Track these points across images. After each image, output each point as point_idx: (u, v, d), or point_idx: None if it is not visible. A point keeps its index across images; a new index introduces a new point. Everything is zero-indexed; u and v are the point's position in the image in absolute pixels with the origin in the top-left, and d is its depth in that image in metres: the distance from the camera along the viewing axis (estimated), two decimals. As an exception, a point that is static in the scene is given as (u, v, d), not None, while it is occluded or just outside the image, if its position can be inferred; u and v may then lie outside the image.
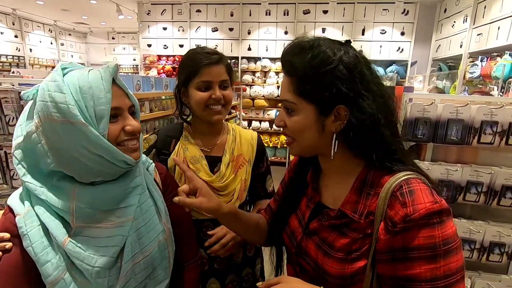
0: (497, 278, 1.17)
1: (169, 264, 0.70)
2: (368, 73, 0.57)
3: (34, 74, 4.81)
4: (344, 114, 0.56)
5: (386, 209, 0.53)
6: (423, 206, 0.50)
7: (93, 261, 0.57)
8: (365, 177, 0.59)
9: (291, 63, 0.59)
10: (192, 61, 0.92)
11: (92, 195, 0.58)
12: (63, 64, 0.59)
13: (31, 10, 6.52)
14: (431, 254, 0.49)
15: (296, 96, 0.59)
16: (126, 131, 0.60)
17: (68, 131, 0.53)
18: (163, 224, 0.69)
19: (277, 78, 5.33)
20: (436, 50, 4.80)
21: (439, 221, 0.50)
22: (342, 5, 4.91)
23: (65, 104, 0.53)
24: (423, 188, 0.52)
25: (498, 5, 3.38)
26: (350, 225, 0.59)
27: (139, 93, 2.06)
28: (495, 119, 1.05)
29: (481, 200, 1.11)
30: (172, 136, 0.99)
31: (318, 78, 0.56)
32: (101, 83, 0.56)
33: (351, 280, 0.57)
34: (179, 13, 5.50)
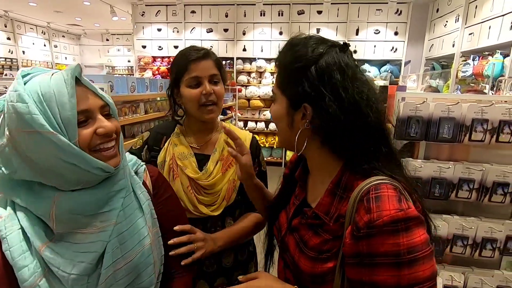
0: (490, 273, 1.18)
1: (154, 270, 0.66)
2: (339, 78, 0.57)
3: (27, 77, 4.78)
4: (309, 112, 0.59)
5: (354, 214, 0.53)
6: (387, 213, 0.49)
7: (69, 268, 0.55)
8: (339, 179, 0.60)
9: (278, 56, 0.65)
10: (180, 60, 0.93)
11: (73, 201, 0.56)
12: (24, 71, 0.56)
13: (24, 12, 6.46)
14: (395, 261, 0.49)
15: (276, 87, 0.65)
16: (98, 133, 0.56)
17: (38, 142, 0.51)
18: (147, 228, 0.66)
19: (272, 78, 5.35)
20: (429, 49, 4.85)
21: (404, 229, 0.49)
22: (336, 6, 4.95)
23: (29, 115, 0.50)
24: (391, 194, 0.52)
25: (489, 4, 3.44)
26: (323, 226, 0.60)
27: (134, 95, 2.06)
28: (485, 117, 1.07)
29: (473, 196, 1.13)
30: (163, 133, 0.99)
31: (291, 73, 0.60)
32: (64, 87, 0.53)
33: (322, 279, 0.58)
34: (174, 14, 5.49)
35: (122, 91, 1.92)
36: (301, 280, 0.63)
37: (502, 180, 1.10)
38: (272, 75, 5.33)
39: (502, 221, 1.14)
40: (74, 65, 0.55)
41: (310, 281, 0.61)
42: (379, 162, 0.57)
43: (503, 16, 3.16)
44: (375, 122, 0.58)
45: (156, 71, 5.69)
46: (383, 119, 0.61)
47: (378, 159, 0.57)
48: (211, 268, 0.99)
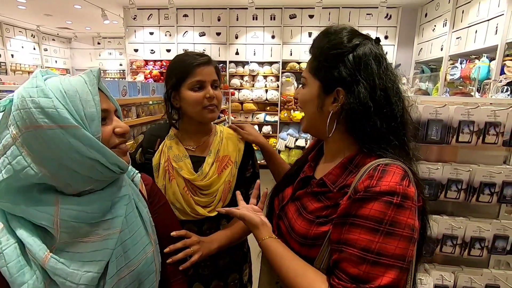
0: (479, 272, 1.21)
1: (156, 278, 0.67)
2: (375, 67, 0.61)
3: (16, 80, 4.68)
4: (341, 96, 0.62)
5: (357, 183, 0.56)
6: (386, 183, 0.52)
7: (77, 278, 0.53)
8: (353, 156, 0.63)
9: (313, 43, 0.69)
10: (183, 63, 0.93)
11: (77, 206, 0.54)
12: (42, 71, 0.57)
13: (13, 15, 6.36)
14: (374, 227, 0.51)
15: (308, 72, 0.68)
16: (116, 132, 0.59)
17: (58, 137, 0.50)
18: (149, 236, 0.66)
19: (265, 81, 5.37)
20: (419, 53, 4.95)
21: (397, 204, 0.51)
22: (327, 10, 5.01)
23: (53, 109, 0.50)
24: (397, 172, 0.54)
25: (474, 9, 3.53)
26: (326, 194, 0.64)
27: (126, 99, 2.05)
28: (471, 118, 1.10)
29: (461, 197, 1.16)
30: (158, 135, 0.99)
31: (327, 58, 0.63)
32: (86, 87, 0.55)
33: (312, 243, 0.62)
34: (166, 17, 5.48)
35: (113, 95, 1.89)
36: (290, 243, 0.67)
37: (488, 181, 1.13)
38: (265, 79, 5.36)
39: (490, 221, 1.17)
40: (96, 68, 0.58)
41: (301, 243, 0.64)
42: (394, 150, 0.60)
43: (488, 21, 3.25)
44: (400, 113, 0.61)
45: (148, 75, 5.66)
46: (407, 112, 0.64)
47: (394, 148, 0.60)
48: (206, 270, 0.99)
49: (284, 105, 5.30)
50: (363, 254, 0.51)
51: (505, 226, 1.16)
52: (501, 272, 1.21)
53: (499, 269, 1.24)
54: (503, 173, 1.12)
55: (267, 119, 5.45)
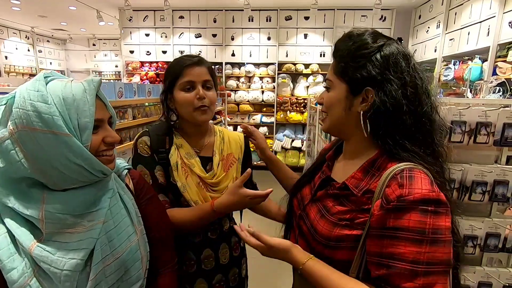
0: (472, 269, 1.23)
1: (142, 265, 0.70)
2: (404, 64, 0.61)
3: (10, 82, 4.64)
4: (371, 96, 0.62)
5: (384, 188, 0.57)
6: (419, 191, 0.52)
7: (61, 264, 0.56)
8: (375, 159, 0.64)
9: (337, 46, 0.68)
10: (175, 65, 0.96)
11: (62, 200, 0.59)
12: (45, 73, 0.60)
13: (6, 16, 6.31)
14: (418, 238, 0.51)
15: (334, 75, 0.67)
16: (106, 142, 0.63)
17: (50, 141, 0.54)
18: (134, 226, 0.70)
19: (261, 83, 5.39)
20: (413, 54, 4.99)
21: (433, 211, 0.52)
22: (322, 12, 5.05)
23: (49, 115, 0.54)
24: (424, 177, 0.55)
25: (467, 11, 3.58)
26: (349, 198, 0.64)
27: (122, 100, 2.05)
28: (463, 119, 1.12)
29: (454, 196, 1.17)
30: (164, 134, 1.00)
31: (353, 59, 0.63)
32: (84, 96, 0.58)
33: (335, 244, 0.63)
34: (162, 19, 5.48)
35: (110, 97, 1.90)
36: (313, 245, 0.67)
37: (480, 180, 1.15)
38: (261, 80, 5.38)
39: (482, 219, 1.19)
40: (97, 78, 0.62)
41: (324, 244, 0.65)
42: (419, 151, 0.59)
43: (480, 23, 3.30)
44: (428, 112, 0.61)
45: (144, 76, 5.65)
46: (434, 111, 0.64)
47: (419, 148, 0.59)
48: (209, 266, 1.01)
49: (280, 106, 5.32)
50: (414, 267, 0.51)
51: (497, 224, 1.18)
52: (494, 269, 1.23)
53: (492, 266, 1.26)
54: (494, 172, 1.14)
55: (263, 120, 5.47)
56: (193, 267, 1.00)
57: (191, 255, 0.99)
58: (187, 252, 0.99)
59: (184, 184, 0.95)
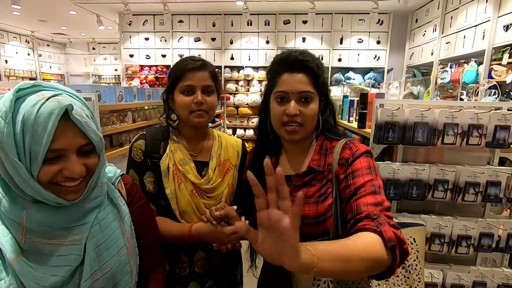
0: (466, 269, 1.25)
1: (131, 279, 0.69)
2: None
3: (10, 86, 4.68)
4: (322, 103, 0.84)
5: (339, 156, 0.79)
6: (362, 147, 0.79)
7: (44, 281, 0.55)
8: (322, 143, 0.85)
9: (308, 62, 0.80)
10: (178, 67, 0.96)
11: (45, 213, 0.56)
12: (23, 84, 0.54)
13: (7, 21, 6.36)
14: (369, 171, 0.73)
15: (313, 87, 0.80)
16: (63, 175, 0.56)
17: (3, 159, 0.53)
18: (125, 239, 0.68)
19: (260, 86, 5.43)
20: (410, 57, 5.05)
21: (370, 156, 0.78)
22: (320, 16, 5.10)
23: (3, 134, 0.51)
24: (358, 142, 0.81)
25: (463, 15, 3.63)
26: (316, 177, 0.81)
27: (122, 104, 2.07)
28: (455, 121, 1.14)
29: (448, 196, 1.20)
30: (160, 139, 0.99)
31: (321, 74, 0.82)
32: (48, 122, 0.52)
33: (324, 217, 0.77)
34: (161, 23, 5.53)
35: (110, 100, 1.92)
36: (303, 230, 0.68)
37: (473, 180, 1.17)
38: (260, 83, 5.42)
39: (475, 219, 1.21)
40: (66, 103, 0.53)
41: (315, 223, 0.78)
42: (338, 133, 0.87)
43: (476, 27, 3.35)
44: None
45: (143, 80, 5.68)
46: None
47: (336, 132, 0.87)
48: (202, 269, 1.01)
49: (279, 109, 5.34)
50: (373, 188, 0.70)
51: (490, 224, 1.20)
52: (488, 269, 1.25)
53: (486, 266, 1.28)
54: (486, 173, 1.16)
55: (262, 123, 5.49)
56: (186, 269, 0.99)
57: (183, 257, 0.99)
58: (179, 254, 0.99)
59: (172, 192, 0.94)
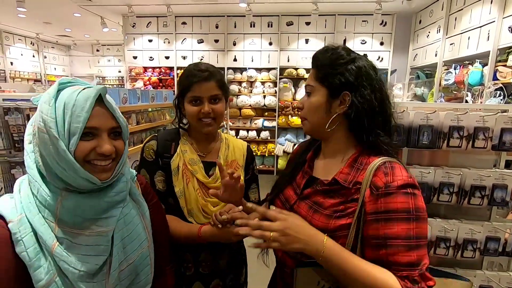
0: (472, 273, 1.23)
1: (150, 270, 0.75)
2: (373, 74, 0.73)
3: (15, 88, 4.71)
4: (348, 99, 0.72)
5: (371, 179, 0.67)
6: (401, 178, 0.64)
7: (79, 266, 0.60)
8: (357, 156, 0.74)
9: (317, 57, 0.77)
10: (186, 78, 0.99)
11: (76, 200, 0.61)
12: (63, 79, 0.65)
13: (12, 23, 6.42)
14: (406, 216, 0.61)
15: (315, 81, 0.76)
16: (98, 152, 0.62)
17: (45, 140, 0.59)
18: (146, 233, 0.74)
19: (263, 87, 5.43)
20: (414, 58, 5.03)
21: (412, 193, 0.63)
22: (323, 17, 5.10)
23: (47, 116, 0.59)
24: (401, 167, 0.68)
25: (467, 16, 3.61)
26: (339, 191, 0.72)
27: (126, 106, 2.08)
28: (461, 124, 1.13)
29: (453, 200, 1.19)
30: (171, 139, 1.05)
31: (333, 67, 0.73)
32: (84, 102, 0.60)
33: (332, 234, 0.68)
34: (165, 25, 5.55)
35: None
36: None
37: (479, 184, 1.16)
38: (263, 85, 5.42)
39: (481, 223, 1.20)
40: (100, 86, 0.63)
41: None
42: (391, 145, 0.72)
43: (480, 28, 3.33)
44: (390, 115, 0.74)
45: (147, 81, 5.70)
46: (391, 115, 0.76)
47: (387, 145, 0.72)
48: (207, 270, 1.03)
49: (282, 110, 5.35)
50: (408, 242, 0.60)
51: (496, 228, 1.19)
52: (494, 273, 1.24)
53: (492, 270, 1.26)
54: (492, 177, 1.15)
55: (265, 125, 5.50)
56: (191, 269, 1.02)
57: (188, 257, 1.01)
58: (184, 254, 1.01)
59: (181, 190, 0.98)
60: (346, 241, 0.68)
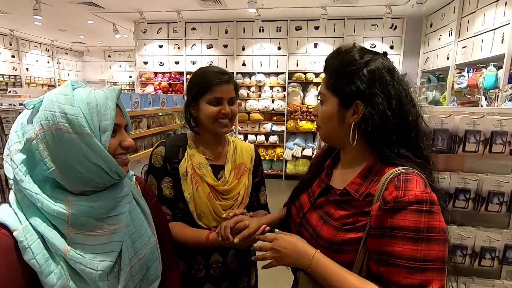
0: (490, 283, 1.19)
1: (159, 265, 0.77)
2: (388, 78, 0.65)
3: (31, 93, 4.86)
4: (361, 108, 0.66)
5: (383, 191, 0.61)
6: (413, 193, 0.57)
7: (95, 265, 0.60)
8: (372, 166, 0.68)
9: (327, 62, 0.73)
10: (205, 79, 1.00)
11: (86, 202, 0.62)
12: (72, 81, 0.66)
13: (29, 30, 6.64)
14: (414, 236, 0.55)
15: (326, 89, 0.72)
16: (122, 146, 0.66)
17: (72, 141, 0.58)
18: (151, 229, 0.76)
19: (271, 92, 5.44)
20: (425, 62, 4.96)
21: (427, 210, 0.55)
22: (332, 21, 5.09)
23: (74, 116, 0.58)
24: (418, 179, 0.59)
25: (480, 19, 3.55)
26: (351, 203, 0.68)
27: (137, 110, 2.11)
28: (477, 128, 1.11)
29: (469, 206, 1.15)
30: (179, 145, 1.06)
31: (343, 75, 0.68)
32: (106, 102, 0.63)
33: (338, 248, 0.66)
34: (175, 31, 5.64)
35: (126, 107, 1.96)
36: (316, 246, 0.70)
37: (497, 190, 1.12)
38: (272, 89, 5.43)
39: (500, 230, 1.16)
40: (118, 87, 0.68)
41: (327, 248, 0.68)
42: (409, 158, 0.64)
43: (494, 30, 3.26)
44: (414, 121, 0.66)
45: (157, 86, 5.79)
46: (420, 119, 0.68)
47: (409, 155, 0.64)
48: (218, 272, 1.03)
49: (291, 115, 5.33)
50: (411, 264, 0.54)
51: (516, 236, 1.15)
52: (514, 283, 1.19)
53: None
54: (511, 182, 1.11)
55: (273, 129, 5.49)
56: (202, 271, 1.02)
57: (199, 259, 1.02)
58: (195, 256, 1.02)
59: (190, 194, 0.99)
60: (356, 257, 0.64)
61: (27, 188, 0.58)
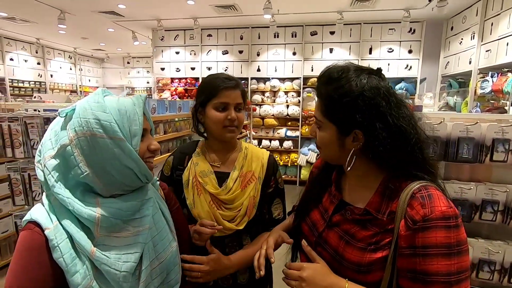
0: (522, 301, 1.12)
1: (179, 269, 0.77)
2: (385, 106, 0.63)
3: (54, 99, 5.06)
4: (361, 137, 0.65)
5: (406, 208, 0.61)
6: (439, 209, 0.58)
7: (119, 266, 0.62)
8: (386, 182, 0.67)
9: (319, 89, 0.71)
10: (212, 85, 0.99)
11: (115, 205, 0.64)
12: (103, 90, 0.70)
13: (54, 39, 6.96)
14: (447, 252, 0.56)
15: (322, 116, 0.70)
16: (150, 149, 0.70)
17: (106, 146, 0.61)
18: (172, 233, 0.77)
19: (286, 97, 5.42)
20: (445, 66, 4.81)
21: (454, 225, 0.57)
22: (348, 26, 5.04)
23: (107, 122, 0.62)
24: (439, 194, 0.61)
25: (505, 22, 3.41)
26: (372, 221, 0.67)
27: (154, 116, 2.15)
28: (506, 136, 1.05)
29: (498, 219, 1.09)
30: (186, 152, 1.06)
31: (339, 106, 0.66)
32: (134, 108, 0.67)
33: (367, 268, 0.65)
34: (191, 38, 5.75)
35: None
36: (342, 271, 0.68)
37: (528, 202, 1.06)
38: (286, 94, 5.42)
39: (532, 246, 1.09)
40: (144, 95, 0.71)
41: (355, 270, 0.66)
42: (417, 169, 0.65)
43: (520, 33, 3.13)
44: (416, 139, 0.65)
45: (173, 92, 5.90)
46: (422, 134, 0.67)
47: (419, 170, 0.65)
48: (226, 283, 1.00)
49: (305, 120, 5.29)
50: (447, 279, 0.56)
51: (549, 252, 1.08)
52: (548, 302, 1.11)
53: (545, 299, 1.14)
54: (544, 195, 1.05)
55: (288, 134, 5.46)
56: (210, 281, 0.97)
57: None
58: None
59: (191, 202, 0.99)
60: (384, 275, 0.63)
61: (59, 193, 0.61)
